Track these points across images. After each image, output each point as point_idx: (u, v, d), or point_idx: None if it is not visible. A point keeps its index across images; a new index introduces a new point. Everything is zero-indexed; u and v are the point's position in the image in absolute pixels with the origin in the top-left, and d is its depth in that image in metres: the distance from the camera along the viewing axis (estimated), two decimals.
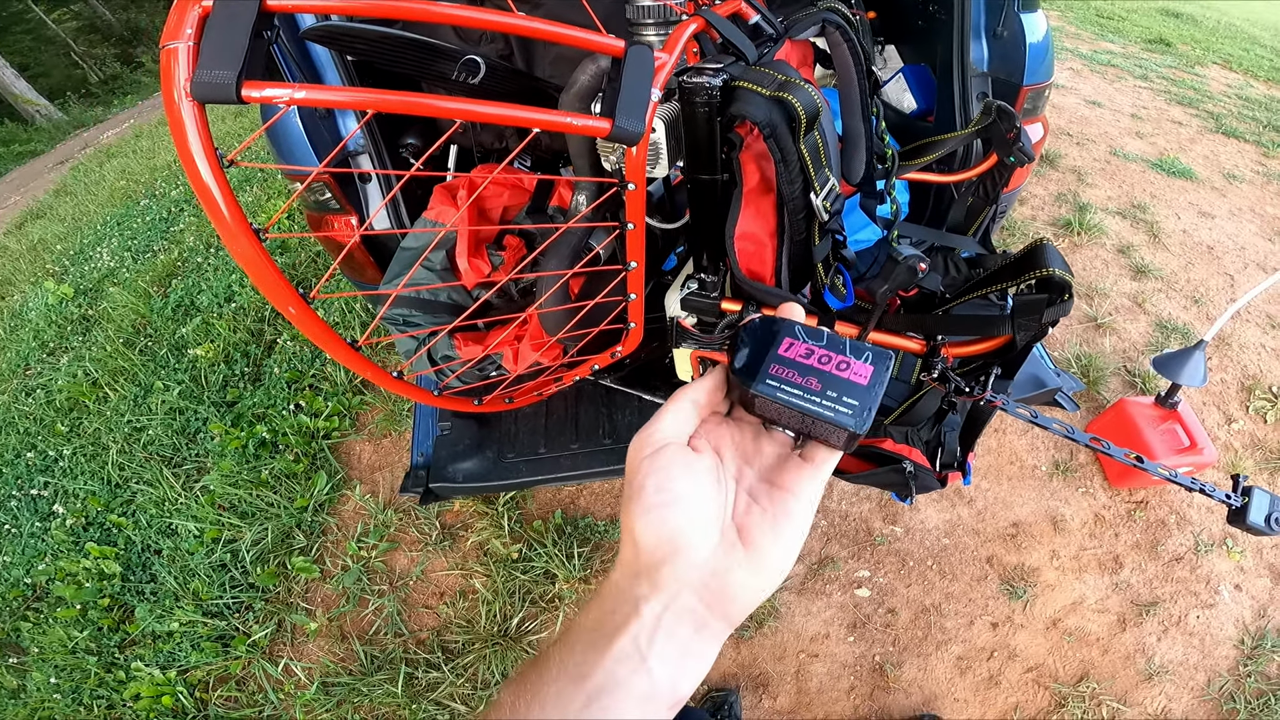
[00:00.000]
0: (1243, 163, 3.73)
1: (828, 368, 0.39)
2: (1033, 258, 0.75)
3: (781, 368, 0.40)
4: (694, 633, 0.34)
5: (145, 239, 3.94)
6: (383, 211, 1.41)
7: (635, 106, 0.66)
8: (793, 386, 0.39)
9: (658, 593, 0.34)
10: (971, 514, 2.04)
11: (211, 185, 0.55)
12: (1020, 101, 1.55)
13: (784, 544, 0.37)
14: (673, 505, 0.36)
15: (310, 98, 0.53)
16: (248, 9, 0.49)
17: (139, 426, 2.53)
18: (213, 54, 0.49)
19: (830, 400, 0.38)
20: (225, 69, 0.49)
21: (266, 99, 0.51)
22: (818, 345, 0.40)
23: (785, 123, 0.79)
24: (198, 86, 0.50)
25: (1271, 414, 2.29)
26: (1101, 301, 2.68)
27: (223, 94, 0.50)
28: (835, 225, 0.88)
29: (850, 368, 0.39)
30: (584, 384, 1.36)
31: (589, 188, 0.95)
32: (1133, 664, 1.77)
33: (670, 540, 0.35)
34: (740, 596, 0.36)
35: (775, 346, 0.40)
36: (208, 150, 0.53)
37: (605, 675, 0.32)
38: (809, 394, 0.38)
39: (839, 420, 0.37)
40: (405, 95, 0.56)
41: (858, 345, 0.40)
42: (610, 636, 0.33)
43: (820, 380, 0.39)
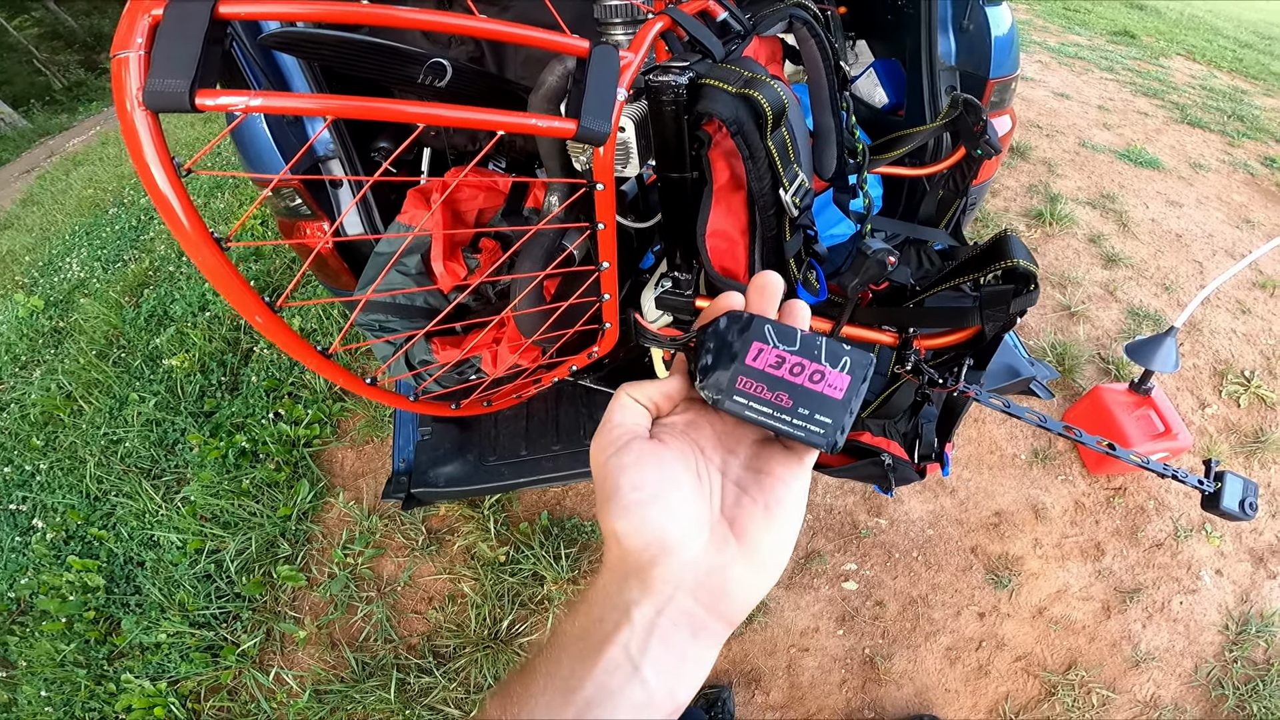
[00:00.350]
0: (1208, 152, 3.81)
1: (799, 379, 0.36)
2: (997, 249, 0.76)
3: (750, 380, 0.36)
4: (691, 636, 0.32)
5: (115, 248, 3.87)
6: (357, 217, 1.40)
7: (601, 107, 0.66)
8: (761, 404, 0.36)
9: (649, 596, 0.32)
10: (954, 504, 2.06)
11: (169, 195, 0.54)
12: (987, 94, 1.57)
13: (779, 533, 0.35)
14: (653, 502, 0.33)
15: (266, 105, 0.52)
16: (199, 17, 0.49)
17: (116, 439, 2.49)
18: (164, 63, 0.49)
19: (801, 419, 0.35)
20: (177, 78, 0.49)
21: (221, 107, 0.50)
22: (790, 351, 0.37)
23: (752, 119, 0.80)
24: (150, 96, 0.49)
25: (1244, 398, 2.34)
26: (1074, 290, 2.72)
27: (176, 103, 0.49)
28: (805, 220, 0.89)
29: (824, 379, 0.36)
30: (564, 385, 1.36)
31: (560, 188, 0.95)
32: (1119, 651, 1.79)
33: (658, 539, 0.32)
34: (739, 594, 0.33)
35: (743, 355, 0.37)
36: (164, 160, 0.53)
37: (596, 687, 0.30)
38: (778, 411, 0.35)
39: (810, 440, 0.35)
40: (365, 101, 0.55)
41: (835, 349, 0.36)
42: (599, 645, 0.31)
43: (791, 395, 0.36)
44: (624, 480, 0.34)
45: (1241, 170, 3.65)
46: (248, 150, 1.31)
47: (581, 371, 1.10)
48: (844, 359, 0.36)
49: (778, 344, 0.37)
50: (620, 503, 0.33)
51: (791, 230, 0.89)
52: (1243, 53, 6.03)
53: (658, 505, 0.33)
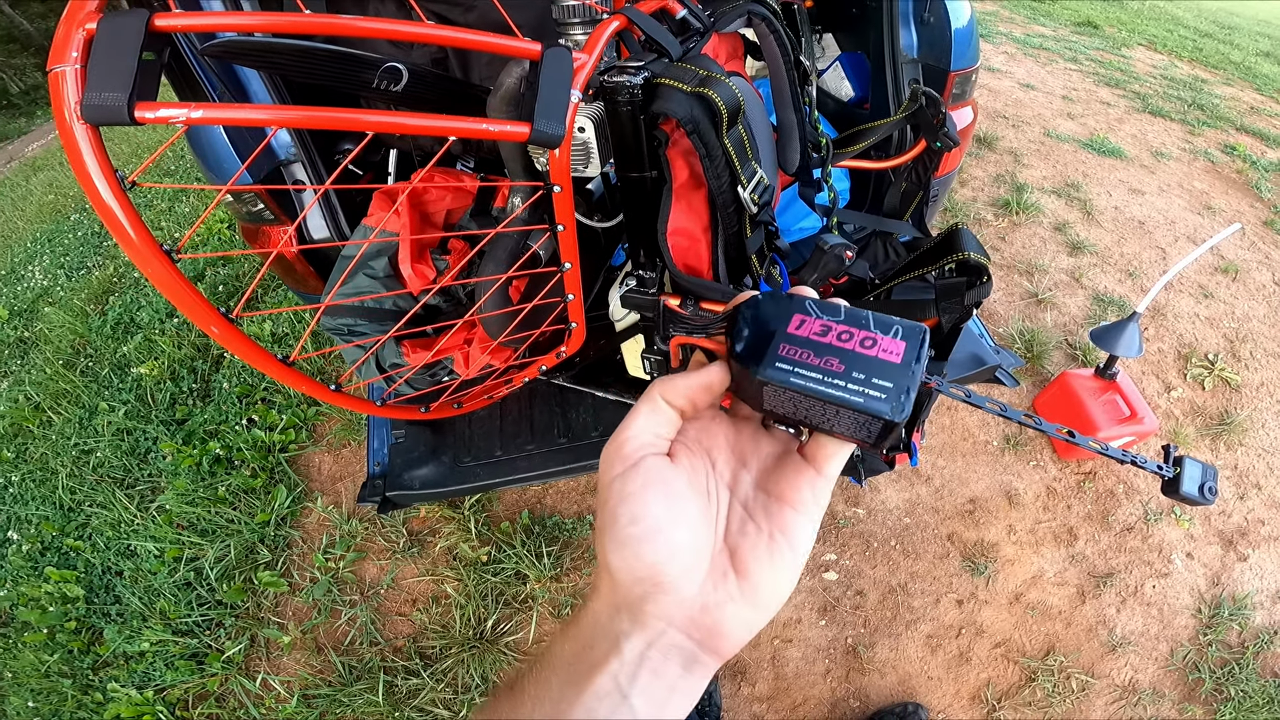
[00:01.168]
0: (1169, 141, 3.89)
1: (850, 345, 0.32)
2: (949, 243, 0.78)
3: (793, 348, 0.32)
4: (681, 670, 0.31)
5: (78, 255, 3.80)
6: (322, 221, 1.39)
7: (554, 109, 0.66)
8: (809, 369, 0.31)
9: (640, 630, 0.31)
10: (930, 492, 2.10)
11: (114, 207, 0.54)
12: (949, 87, 1.60)
13: (782, 570, 0.33)
14: (651, 537, 0.31)
15: (208, 117, 0.52)
16: (133, 30, 0.49)
17: (87, 449, 2.45)
18: (101, 76, 0.49)
19: (857, 383, 0.30)
20: (115, 90, 0.48)
21: (161, 119, 0.50)
22: (835, 320, 0.33)
23: (707, 118, 0.80)
24: (88, 109, 0.49)
25: (1209, 380, 2.39)
26: (1041, 278, 2.78)
27: (114, 116, 0.49)
28: (766, 217, 0.90)
29: (878, 344, 0.32)
30: (537, 384, 1.36)
31: (522, 190, 0.95)
32: (1096, 636, 1.83)
33: (651, 577, 0.31)
34: (733, 632, 0.32)
35: (784, 325, 0.33)
36: (106, 172, 0.53)
37: (584, 712, 0.30)
38: (830, 376, 0.31)
39: (870, 407, 0.30)
40: (312, 111, 0.55)
41: (883, 319, 0.33)
42: (589, 673, 0.31)
43: (843, 360, 0.31)
44: (623, 511, 0.32)
45: (1202, 158, 3.73)
46: (206, 157, 1.29)
47: (553, 370, 1.10)
48: (895, 327, 0.32)
49: (821, 314, 0.33)
50: (616, 536, 0.31)
51: (752, 227, 0.90)
52: (1203, 42, 6.16)
53: (655, 541, 0.31)
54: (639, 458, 0.33)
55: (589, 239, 1.20)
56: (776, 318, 0.34)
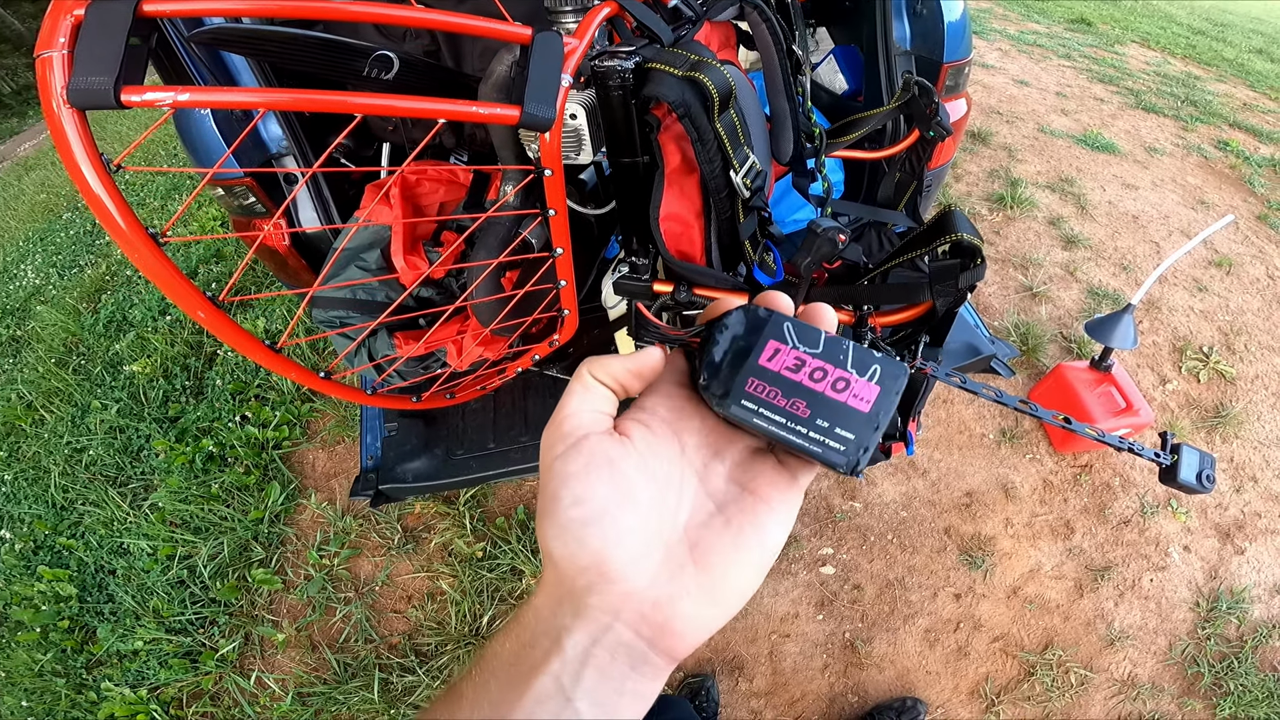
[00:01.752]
0: (1163, 136, 3.90)
1: (821, 386, 0.30)
2: (942, 225, 0.78)
3: (762, 384, 0.31)
4: (629, 670, 0.28)
5: (70, 254, 3.78)
6: (314, 214, 1.38)
7: (544, 93, 0.66)
8: (774, 411, 0.31)
9: (584, 625, 0.28)
10: (926, 485, 2.09)
11: (100, 192, 0.55)
12: (942, 79, 1.60)
13: (747, 565, 0.30)
14: (595, 521, 0.29)
15: (195, 100, 0.53)
16: (120, 15, 0.49)
17: (79, 447, 2.44)
18: (88, 61, 0.49)
19: (819, 431, 0.30)
20: (101, 75, 0.49)
21: (148, 103, 0.51)
22: (811, 354, 0.31)
23: (699, 102, 0.80)
24: (74, 93, 0.50)
25: (1204, 373, 2.40)
26: (1036, 271, 2.78)
27: (101, 99, 0.50)
28: (759, 202, 0.89)
29: (849, 388, 0.30)
30: (531, 375, 1.36)
31: (513, 176, 0.94)
32: (1094, 630, 1.82)
33: (595, 564, 0.28)
34: (686, 631, 0.29)
35: (756, 354, 0.31)
36: (92, 157, 0.53)
37: (524, 716, 0.27)
38: (793, 421, 0.30)
39: (828, 459, 0.30)
40: (299, 93, 0.55)
41: (863, 356, 0.31)
42: (529, 673, 0.28)
43: (810, 404, 0.30)
44: (565, 492, 0.29)
45: (1195, 154, 3.74)
46: (196, 148, 1.28)
47: (547, 361, 1.10)
48: (873, 367, 0.31)
49: (798, 344, 0.31)
50: (557, 519, 0.29)
51: (745, 212, 0.89)
52: (1196, 39, 6.18)
53: (601, 525, 0.29)
54: (579, 436, 0.30)
55: (582, 229, 1.19)
56: (750, 342, 0.32)
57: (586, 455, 0.30)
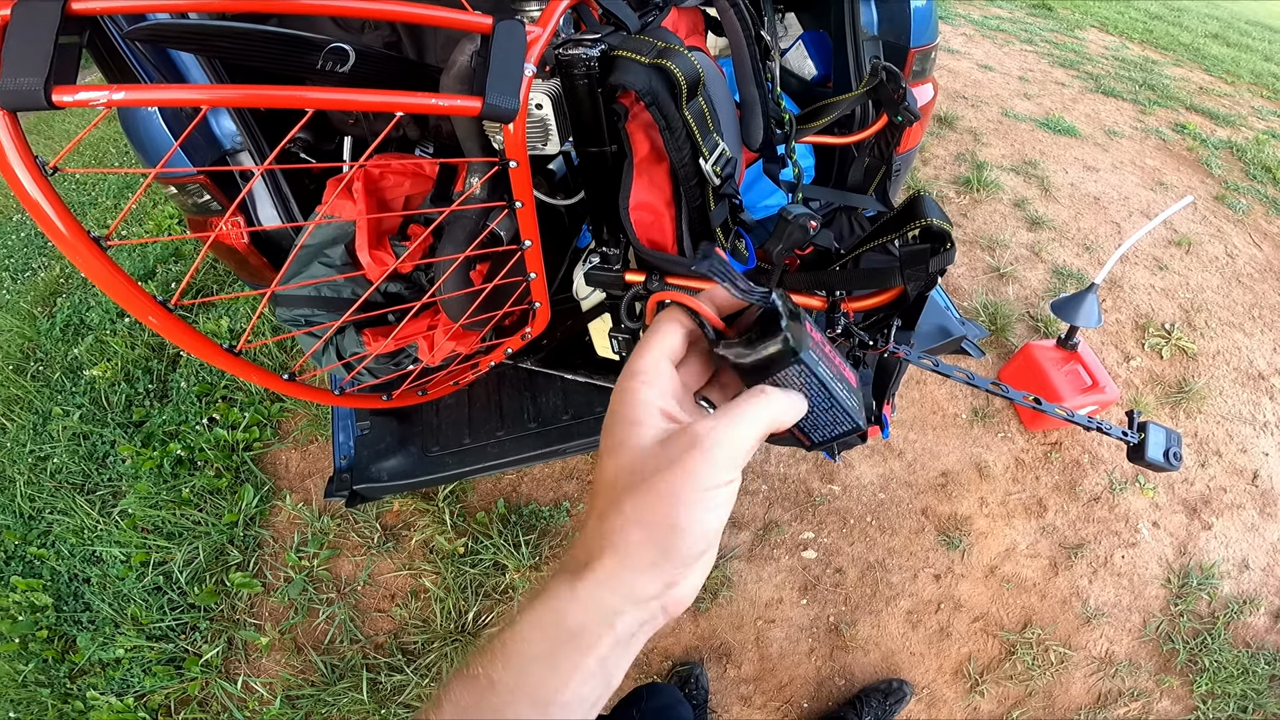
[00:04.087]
0: (1122, 119, 3.98)
1: (835, 359, 0.36)
2: (911, 210, 0.78)
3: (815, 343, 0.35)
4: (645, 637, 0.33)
5: (22, 257, 3.64)
6: (273, 210, 1.34)
7: (507, 83, 0.64)
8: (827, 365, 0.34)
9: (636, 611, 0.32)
10: (903, 466, 2.12)
11: (37, 196, 0.53)
12: (909, 64, 1.60)
13: None
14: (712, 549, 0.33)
15: (131, 98, 0.51)
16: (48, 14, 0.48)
17: (43, 455, 2.36)
18: (16, 61, 0.48)
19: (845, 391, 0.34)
20: (30, 75, 0.48)
21: (80, 103, 0.49)
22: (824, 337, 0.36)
23: (666, 90, 0.79)
24: (2, 95, 0.48)
25: (1166, 350, 2.46)
26: (1002, 252, 2.83)
27: (31, 100, 0.48)
28: (729, 190, 0.89)
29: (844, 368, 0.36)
30: (505, 369, 1.34)
31: (478, 169, 0.92)
32: (1070, 608, 1.86)
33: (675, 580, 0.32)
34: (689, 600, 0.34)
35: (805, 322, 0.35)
36: (26, 160, 0.52)
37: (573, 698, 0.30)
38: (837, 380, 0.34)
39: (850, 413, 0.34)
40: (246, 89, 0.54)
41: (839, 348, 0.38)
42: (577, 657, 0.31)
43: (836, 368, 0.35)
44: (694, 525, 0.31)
45: (1154, 136, 3.83)
46: (145, 147, 1.23)
47: (521, 353, 1.08)
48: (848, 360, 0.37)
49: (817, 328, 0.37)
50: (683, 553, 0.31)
51: (716, 200, 0.89)
52: (1153, 24, 6.30)
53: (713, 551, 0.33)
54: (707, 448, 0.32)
55: (552, 220, 1.18)
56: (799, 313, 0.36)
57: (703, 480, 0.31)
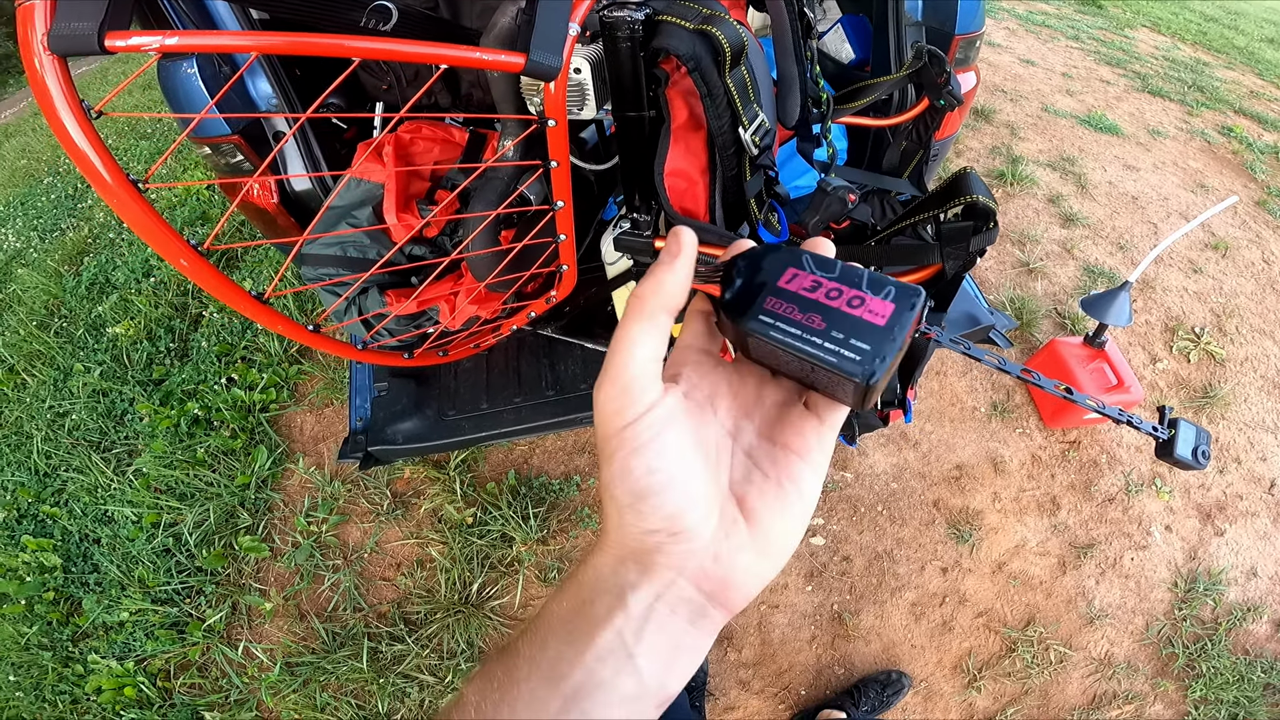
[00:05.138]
0: (1167, 120, 3.87)
1: (836, 303, 0.31)
2: (957, 186, 0.76)
3: (780, 302, 0.32)
4: (688, 625, 0.30)
5: (52, 217, 3.69)
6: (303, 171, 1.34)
7: (551, 41, 0.63)
8: (790, 324, 0.31)
9: (649, 580, 0.29)
10: (917, 457, 2.10)
11: (79, 138, 0.52)
12: (953, 50, 1.56)
13: (791, 517, 0.32)
14: (669, 487, 0.29)
15: (184, 44, 0.50)
16: None
17: (62, 412, 2.39)
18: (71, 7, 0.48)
19: (835, 342, 0.30)
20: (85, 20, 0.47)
21: (133, 47, 0.49)
22: (827, 277, 0.32)
23: (710, 56, 0.78)
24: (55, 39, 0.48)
25: (1194, 354, 2.41)
26: (1033, 248, 2.77)
27: (84, 45, 0.48)
28: (766, 161, 0.87)
29: (865, 304, 0.31)
30: (525, 335, 1.33)
31: (513, 129, 0.91)
32: (1074, 608, 1.84)
33: (666, 526, 0.29)
34: (744, 582, 0.30)
35: (775, 279, 0.33)
36: (72, 104, 0.51)
37: (585, 674, 0.28)
38: (809, 333, 0.31)
39: (842, 366, 0.29)
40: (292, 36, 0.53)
41: (877, 278, 0.32)
42: (591, 631, 0.28)
43: (825, 317, 0.31)
44: (636, 462, 0.29)
45: (1199, 138, 3.72)
46: (183, 106, 1.23)
47: (542, 320, 1.07)
48: (888, 288, 0.31)
49: (814, 270, 0.33)
50: (630, 487, 0.29)
51: (752, 170, 0.87)
52: (1207, 26, 6.11)
53: (673, 491, 0.29)
54: (650, 404, 0.30)
55: (581, 187, 1.16)
56: (771, 269, 0.33)
57: (660, 421, 0.30)
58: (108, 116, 0.56)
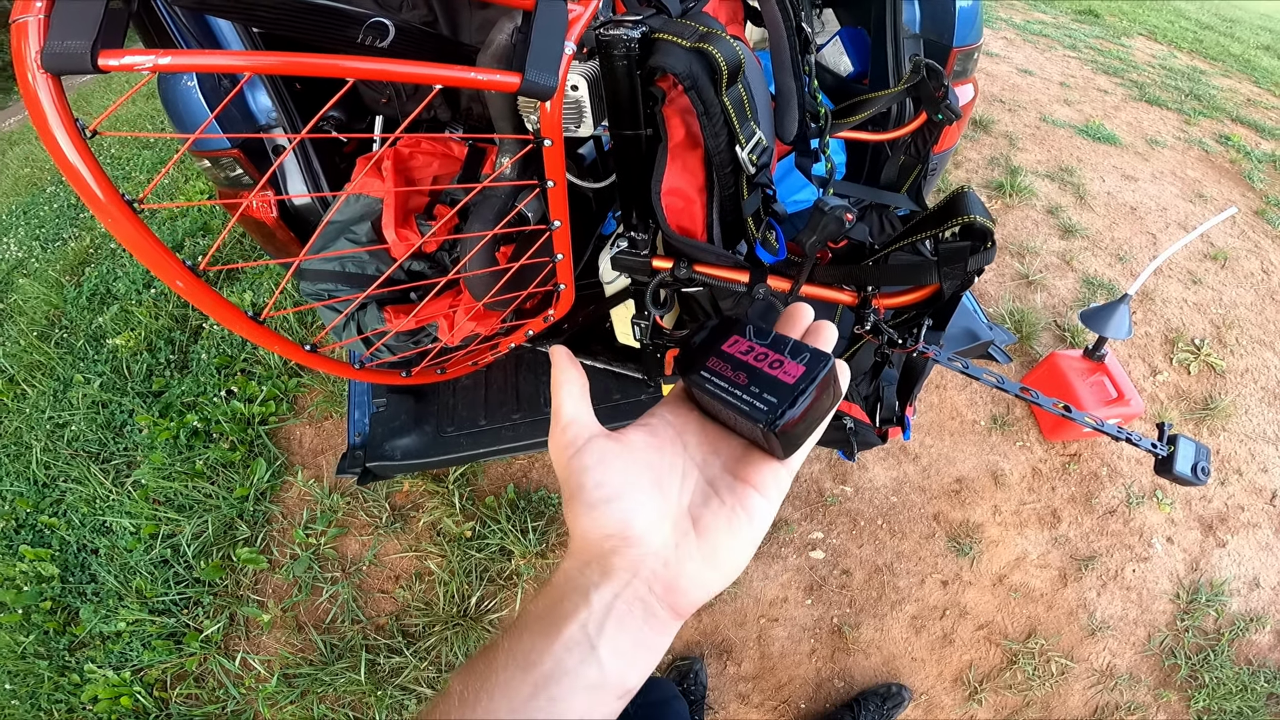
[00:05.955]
0: (1165, 129, 3.88)
1: (760, 365, 0.38)
2: (954, 205, 0.76)
3: (720, 362, 0.39)
4: (643, 622, 0.33)
5: (54, 227, 3.71)
6: (303, 186, 1.34)
7: (547, 60, 0.63)
8: (722, 380, 0.38)
9: (609, 580, 0.33)
10: (917, 471, 2.09)
11: (74, 158, 0.52)
12: (951, 63, 1.57)
13: (740, 538, 0.36)
14: (617, 499, 0.35)
15: (176, 64, 0.50)
16: None
17: (61, 423, 2.39)
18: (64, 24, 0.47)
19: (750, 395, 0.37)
20: (78, 39, 0.47)
21: (127, 67, 0.48)
22: (760, 343, 0.40)
23: (707, 75, 0.78)
24: (49, 58, 0.47)
25: (1194, 365, 2.40)
26: (1032, 260, 2.77)
27: (77, 64, 0.47)
28: (763, 179, 0.87)
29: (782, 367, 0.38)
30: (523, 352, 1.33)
31: (510, 148, 0.91)
32: (1076, 619, 1.83)
33: (620, 531, 0.34)
34: (690, 590, 0.35)
35: (721, 342, 0.40)
36: (66, 122, 0.51)
37: (554, 663, 0.31)
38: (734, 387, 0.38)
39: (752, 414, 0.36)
40: (290, 56, 0.53)
41: (800, 346, 0.39)
42: (559, 624, 0.32)
43: (749, 376, 0.38)
44: (587, 480, 0.36)
45: (1197, 147, 3.73)
46: (182, 118, 1.24)
47: (540, 337, 1.07)
48: (804, 353, 0.38)
49: (752, 338, 0.40)
50: (584, 500, 0.35)
51: (749, 189, 0.87)
52: (1203, 34, 6.14)
53: (621, 501, 0.35)
54: (586, 439, 0.38)
55: (579, 204, 1.16)
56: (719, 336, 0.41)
57: (597, 451, 0.37)
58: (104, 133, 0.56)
